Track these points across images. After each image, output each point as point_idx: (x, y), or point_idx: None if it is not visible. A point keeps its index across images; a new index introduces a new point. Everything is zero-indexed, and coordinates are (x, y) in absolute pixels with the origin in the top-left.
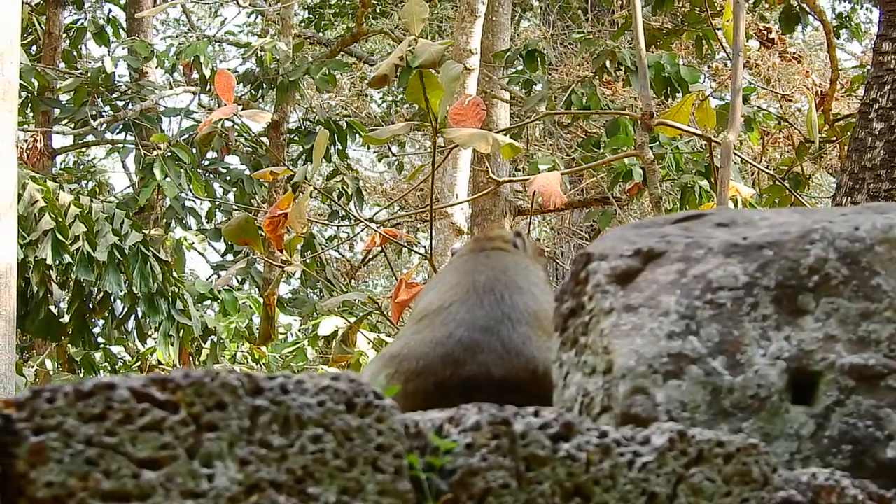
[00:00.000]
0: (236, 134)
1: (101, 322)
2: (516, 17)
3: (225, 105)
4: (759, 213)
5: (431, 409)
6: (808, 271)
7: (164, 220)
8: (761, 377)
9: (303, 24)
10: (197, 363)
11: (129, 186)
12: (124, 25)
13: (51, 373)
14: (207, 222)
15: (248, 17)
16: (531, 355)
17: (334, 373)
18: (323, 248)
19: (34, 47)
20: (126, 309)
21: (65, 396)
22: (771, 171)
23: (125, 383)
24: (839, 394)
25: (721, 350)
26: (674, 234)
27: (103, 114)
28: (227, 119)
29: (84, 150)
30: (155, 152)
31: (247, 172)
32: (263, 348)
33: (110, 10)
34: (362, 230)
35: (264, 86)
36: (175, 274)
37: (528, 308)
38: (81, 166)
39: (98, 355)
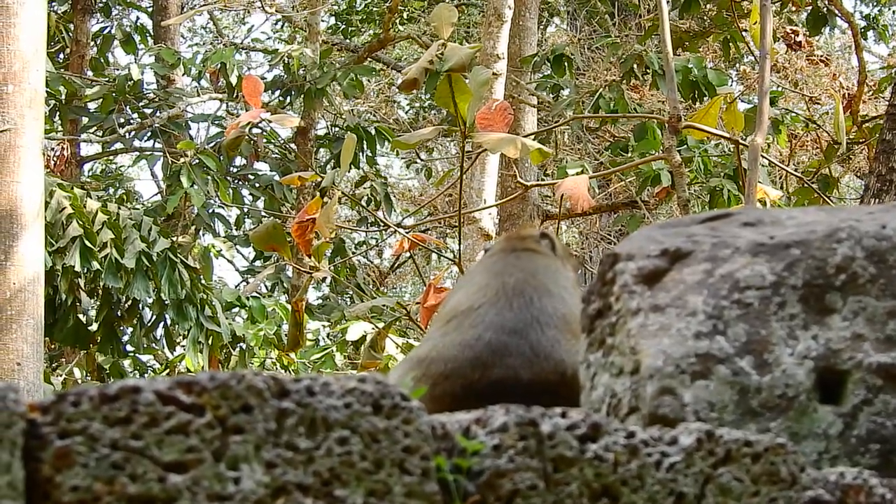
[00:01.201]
0: (265, 140)
1: (130, 330)
2: (543, 22)
3: (253, 109)
4: (785, 213)
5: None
6: (836, 270)
7: (193, 227)
8: (789, 377)
9: (330, 31)
10: (225, 370)
11: (156, 194)
12: (151, 33)
13: (79, 381)
14: (236, 229)
15: (275, 24)
16: (560, 358)
17: (362, 375)
18: (353, 254)
19: (62, 55)
20: (154, 316)
21: (90, 400)
22: (799, 174)
23: (150, 386)
24: (867, 393)
25: (748, 350)
26: (700, 234)
27: (131, 121)
28: (256, 125)
29: (112, 157)
30: (182, 160)
31: (276, 178)
32: (292, 355)
33: (138, 18)
34: (391, 235)
35: (292, 92)
36: (203, 281)
37: (558, 311)
38: (109, 174)
39: (127, 363)
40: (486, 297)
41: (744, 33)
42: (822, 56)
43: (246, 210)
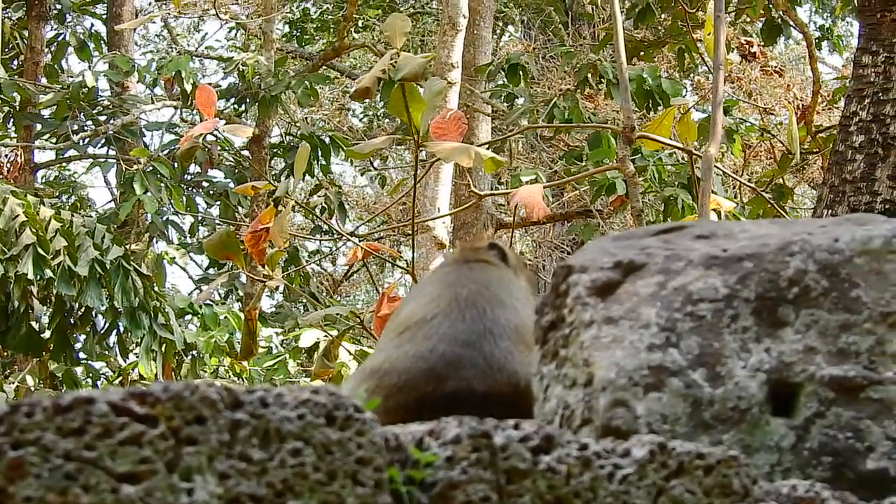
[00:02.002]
0: (219, 148)
1: (83, 337)
2: (498, 31)
3: (207, 119)
4: (738, 226)
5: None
6: (788, 283)
7: (147, 235)
8: (741, 389)
9: (284, 39)
10: (178, 378)
11: (110, 201)
12: (105, 40)
13: (32, 389)
14: (190, 237)
15: (229, 31)
16: (513, 370)
17: (315, 386)
18: (306, 262)
19: (16, 62)
20: (108, 324)
21: (43, 411)
22: (752, 185)
23: (104, 397)
24: (819, 405)
25: (701, 362)
26: (654, 247)
27: (85, 128)
28: (210, 133)
29: (65, 164)
30: (135, 167)
31: (230, 186)
32: (245, 363)
33: (92, 25)
34: (344, 244)
35: (247, 100)
36: (156, 288)
37: (511, 322)
38: (63, 181)
39: (80, 371)
40: (439, 308)
41: (698, 44)
42: (776, 67)
43: (200, 218)
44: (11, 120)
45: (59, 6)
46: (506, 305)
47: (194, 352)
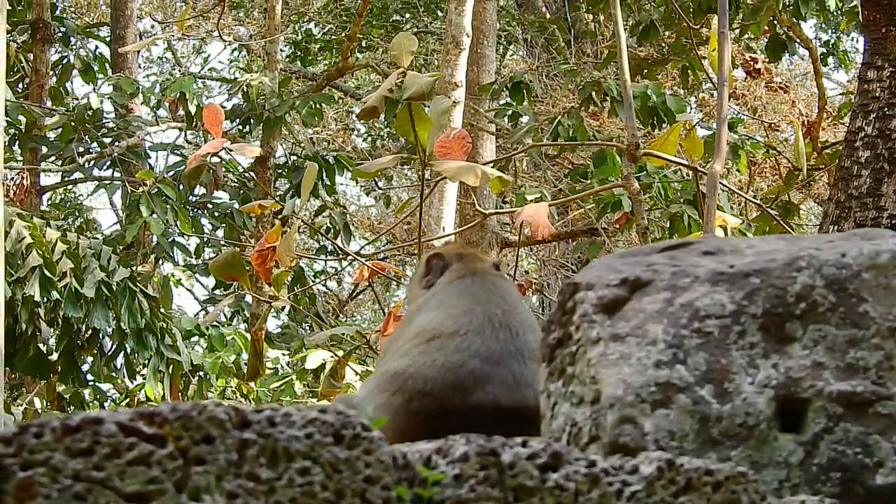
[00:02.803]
0: (224, 169)
1: (90, 359)
2: (501, 50)
3: (213, 139)
4: (745, 241)
5: (431, 431)
6: (796, 298)
7: (153, 256)
8: (749, 405)
9: (288, 59)
10: (185, 399)
11: (115, 223)
12: (110, 62)
13: (39, 411)
14: (196, 258)
15: (232, 53)
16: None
17: (322, 405)
18: (312, 282)
19: (21, 84)
20: (115, 345)
21: (52, 431)
22: (758, 201)
23: (113, 417)
24: (827, 421)
25: (709, 378)
26: (660, 263)
27: (90, 150)
28: (216, 154)
29: (71, 187)
30: (141, 188)
31: (235, 207)
32: (252, 383)
33: (97, 47)
34: (350, 264)
35: (251, 121)
36: (163, 310)
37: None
38: (68, 203)
39: (87, 392)
40: (471, 325)
41: (703, 60)
42: (781, 83)
43: (206, 239)
44: (17, 143)
45: (63, 29)
46: (534, 329)
47: (201, 373)
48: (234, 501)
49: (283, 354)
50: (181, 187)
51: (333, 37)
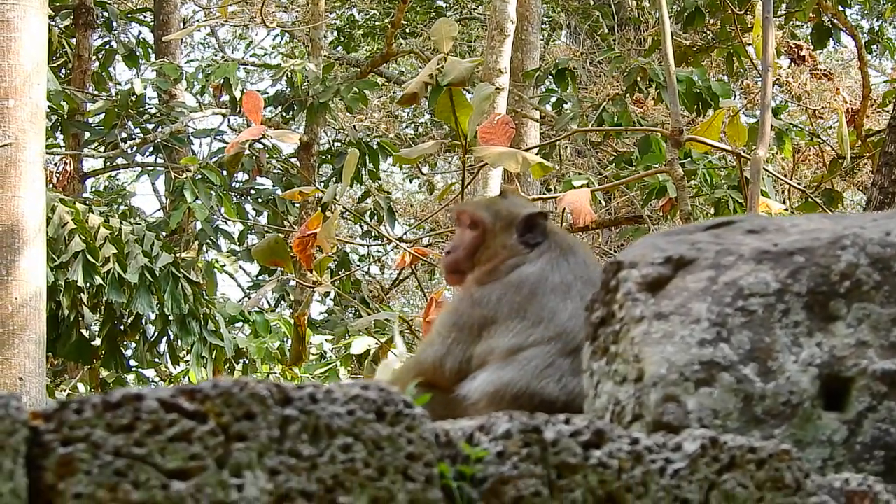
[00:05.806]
0: (267, 155)
1: (133, 345)
2: (545, 36)
3: (253, 126)
4: (789, 220)
5: None
6: (840, 277)
7: (196, 242)
8: (793, 384)
9: (332, 45)
10: None
11: (159, 209)
12: (153, 47)
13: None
14: (240, 244)
15: (275, 39)
16: None
17: (364, 382)
18: (356, 267)
19: (64, 70)
20: (158, 331)
21: (93, 408)
22: (801, 188)
23: (153, 394)
24: (871, 399)
25: (752, 357)
26: (704, 242)
27: (133, 136)
28: (258, 141)
29: (114, 173)
30: (185, 174)
31: (278, 193)
32: (295, 369)
33: (140, 33)
34: (393, 249)
35: (295, 107)
36: (206, 295)
37: None
38: (111, 190)
39: (130, 378)
40: (577, 342)
41: (747, 48)
42: (825, 70)
43: (249, 225)
44: (60, 128)
45: (105, 14)
46: None
47: (245, 359)
48: (276, 478)
49: (327, 340)
50: (224, 173)
51: (377, 23)
